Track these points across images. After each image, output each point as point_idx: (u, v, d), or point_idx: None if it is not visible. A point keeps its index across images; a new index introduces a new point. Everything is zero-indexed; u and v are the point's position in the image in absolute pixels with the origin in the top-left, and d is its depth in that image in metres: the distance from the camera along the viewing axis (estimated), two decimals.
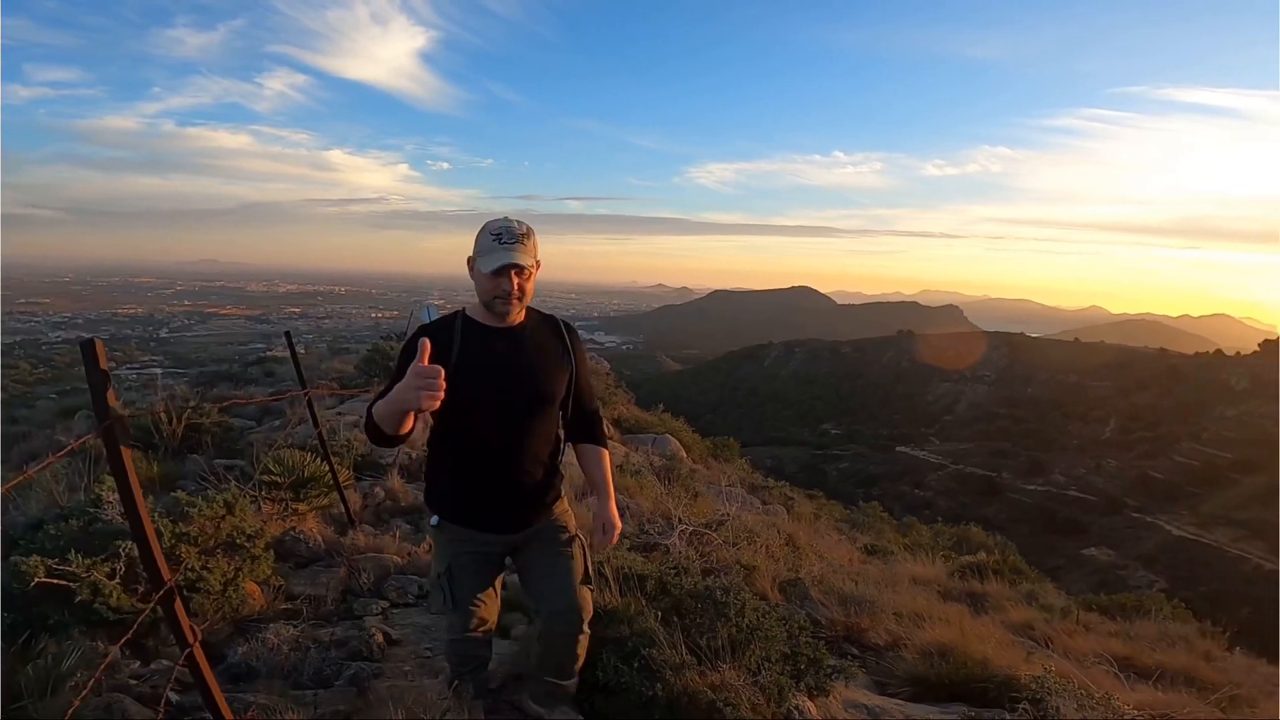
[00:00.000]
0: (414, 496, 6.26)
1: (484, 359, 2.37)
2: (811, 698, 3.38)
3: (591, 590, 2.74)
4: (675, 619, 3.49)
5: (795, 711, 3.20)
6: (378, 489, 6.23)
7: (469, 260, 2.37)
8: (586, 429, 2.67)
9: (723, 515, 6.15)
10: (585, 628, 2.68)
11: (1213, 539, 52.38)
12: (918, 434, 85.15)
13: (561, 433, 2.63)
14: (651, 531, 5.41)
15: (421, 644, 3.86)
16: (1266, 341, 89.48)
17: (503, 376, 2.39)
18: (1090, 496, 63.34)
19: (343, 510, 5.35)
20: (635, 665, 3.10)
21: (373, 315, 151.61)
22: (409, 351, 2.23)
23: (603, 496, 2.66)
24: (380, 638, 3.71)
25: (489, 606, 2.65)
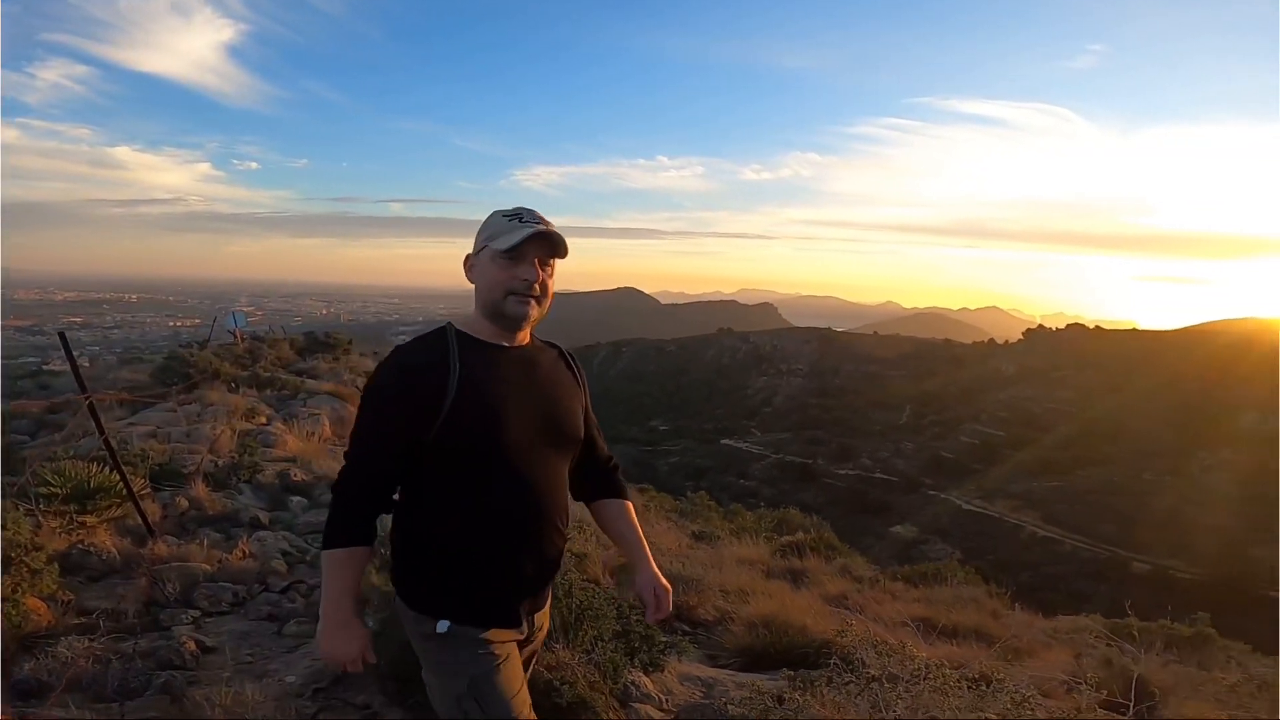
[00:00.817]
0: (223, 505, 5.92)
1: (495, 388, 1.77)
2: (646, 673, 3.48)
3: None
4: None
5: (632, 687, 3.29)
6: (180, 499, 5.80)
7: (467, 260, 1.84)
8: (606, 480, 2.11)
9: None
10: None
11: (996, 511, 58.42)
12: (740, 426, 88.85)
13: None
14: None
15: (241, 650, 3.68)
16: (1029, 330, 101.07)
17: (523, 412, 1.79)
18: (893, 478, 68.71)
19: (139, 521, 4.93)
20: None
21: (171, 324, 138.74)
22: (390, 397, 1.71)
23: (644, 560, 2.06)
24: (193, 646, 3.52)
25: None
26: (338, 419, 8.71)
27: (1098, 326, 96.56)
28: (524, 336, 1.86)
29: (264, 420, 9.15)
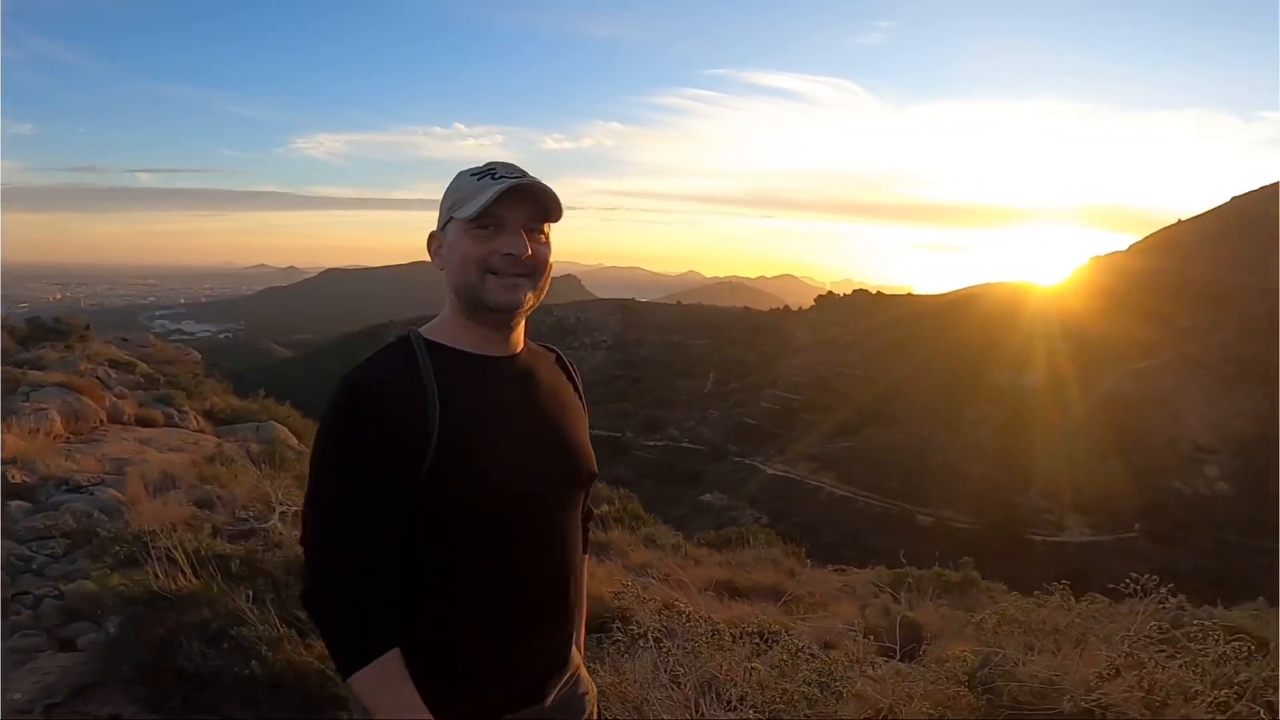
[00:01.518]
0: None
1: (491, 421, 1.28)
2: None
3: None
4: (270, 596, 3.36)
5: None
6: None
7: (431, 241, 1.37)
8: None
9: None
10: None
11: (798, 474, 62.19)
12: None
13: None
14: (250, 518, 4.94)
15: None
16: (820, 297, 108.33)
17: (532, 451, 1.32)
18: (700, 447, 71.49)
19: None
20: (225, 647, 2.93)
21: None
22: (363, 440, 1.19)
23: (575, 632, 1.56)
24: None
25: None
26: (71, 413, 7.65)
27: (879, 292, 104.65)
28: (518, 340, 1.38)
29: None
